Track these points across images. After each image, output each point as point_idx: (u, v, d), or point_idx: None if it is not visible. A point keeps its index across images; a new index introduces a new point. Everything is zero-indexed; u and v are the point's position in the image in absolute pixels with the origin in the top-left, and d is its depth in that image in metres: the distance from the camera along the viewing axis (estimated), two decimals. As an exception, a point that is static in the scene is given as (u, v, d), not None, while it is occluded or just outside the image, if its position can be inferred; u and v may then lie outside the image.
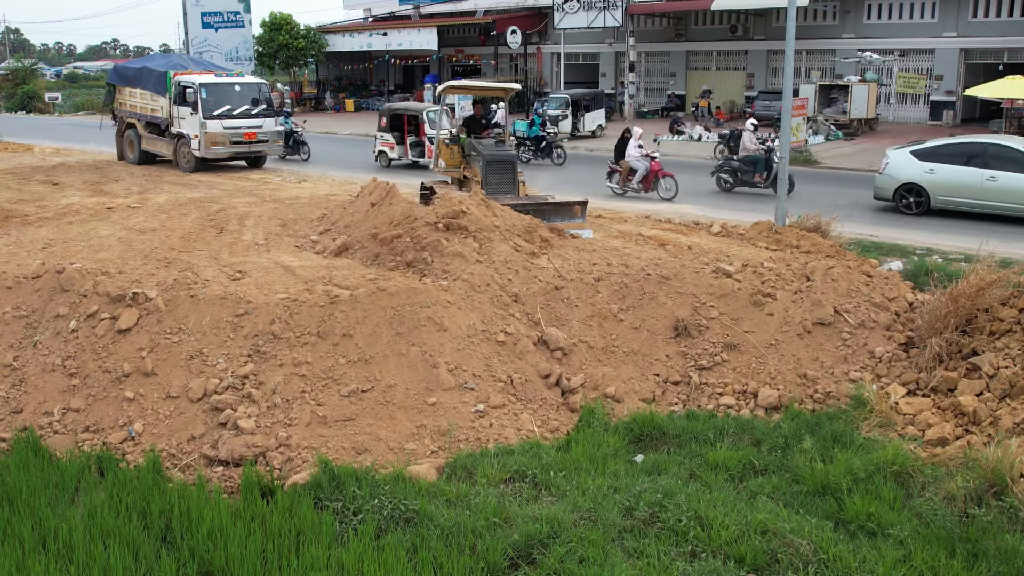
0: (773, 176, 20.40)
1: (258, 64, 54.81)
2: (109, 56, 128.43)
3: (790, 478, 7.81)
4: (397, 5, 57.39)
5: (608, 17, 43.21)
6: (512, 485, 7.69)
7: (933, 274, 11.84)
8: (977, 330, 9.64)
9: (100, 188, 20.40)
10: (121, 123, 27.01)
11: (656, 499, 7.16)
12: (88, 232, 14.22)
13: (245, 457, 8.18)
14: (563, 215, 13.49)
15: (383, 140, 27.23)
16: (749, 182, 21.53)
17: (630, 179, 21.08)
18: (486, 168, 14.02)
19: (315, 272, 11.24)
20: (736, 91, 44.16)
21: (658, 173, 20.87)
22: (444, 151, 15.58)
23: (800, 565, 6.38)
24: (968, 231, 16.23)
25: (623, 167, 21.26)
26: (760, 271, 11.26)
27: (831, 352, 10.12)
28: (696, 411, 9.33)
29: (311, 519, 6.97)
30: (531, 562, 6.52)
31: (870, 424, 8.80)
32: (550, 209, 13.51)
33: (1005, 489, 7.16)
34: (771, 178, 20.78)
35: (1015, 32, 34.85)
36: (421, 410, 8.84)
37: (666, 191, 20.79)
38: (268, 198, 18.28)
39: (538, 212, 13.14)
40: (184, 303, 9.87)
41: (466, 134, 15.59)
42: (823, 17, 40.80)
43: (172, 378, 9.10)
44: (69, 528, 6.87)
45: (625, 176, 21.21)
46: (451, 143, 15.57)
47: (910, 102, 39.31)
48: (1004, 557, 6.43)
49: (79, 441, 8.68)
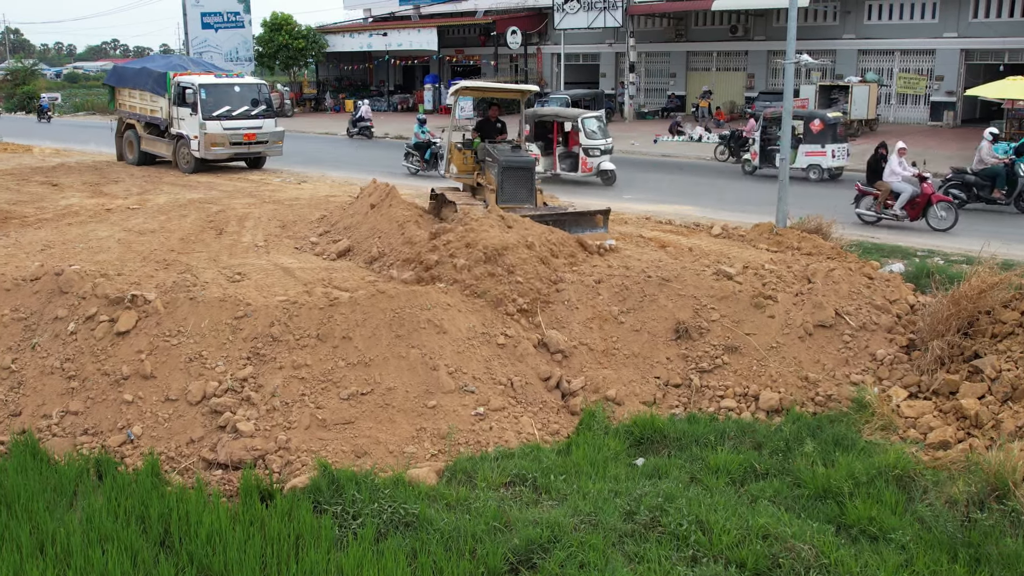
0: (1017, 192, 18.65)
1: (258, 65, 54.82)
2: (109, 56, 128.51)
3: (791, 482, 7.78)
4: (397, 5, 57.40)
5: (608, 17, 43.19)
6: (512, 489, 7.65)
7: (935, 276, 11.81)
8: (979, 332, 9.61)
9: (99, 189, 20.38)
10: (120, 124, 26.99)
11: (657, 503, 7.12)
12: (87, 234, 14.19)
13: (244, 460, 8.15)
14: (585, 225, 12.86)
15: None
16: (987, 198, 18.96)
17: (890, 204, 17.69)
18: (502, 175, 13.21)
19: (314, 274, 11.23)
20: (736, 92, 44.13)
21: (931, 198, 17.40)
22: (456, 156, 14.73)
23: (802, 570, 6.35)
24: (969, 233, 16.20)
25: (881, 189, 17.87)
26: (761, 273, 11.23)
27: (832, 354, 10.09)
28: (697, 414, 9.29)
29: (310, 523, 6.94)
30: (531, 567, 6.49)
31: (872, 427, 8.77)
32: (571, 219, 12.85)
33: (1007, 493, 7.12)
34: (1015, 194, 18.69)
35: (1015, 33, 34.82)
36: (421, 413, 8.81)
37: (941, 220, 17.23)
38: (268, 199, 18.25)
39: (558, 223, 12.48)
40: (183, 305, 9.85)
41: (480, 138, 14.74)
42: (824, 18, 40.77)
43: (171, 381, 9.07)
44: (67, 532, 6.84)
45: (884, 200, 17.82)
46: (464, 148, 14.70)
47: (911, 103, 39.28)
48: (1006, 562, 6.39)
49: (77, 444, 8.65)
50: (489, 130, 14.90)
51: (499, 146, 14.19)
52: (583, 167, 23.40)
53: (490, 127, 14.96)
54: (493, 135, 14.82)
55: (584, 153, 23.25)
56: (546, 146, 23.97)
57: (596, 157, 23.26)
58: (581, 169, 23.39)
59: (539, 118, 24.48)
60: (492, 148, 13.96)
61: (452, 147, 14.76)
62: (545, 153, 23.75)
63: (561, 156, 23.87)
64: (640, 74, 46.76)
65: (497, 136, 14.88)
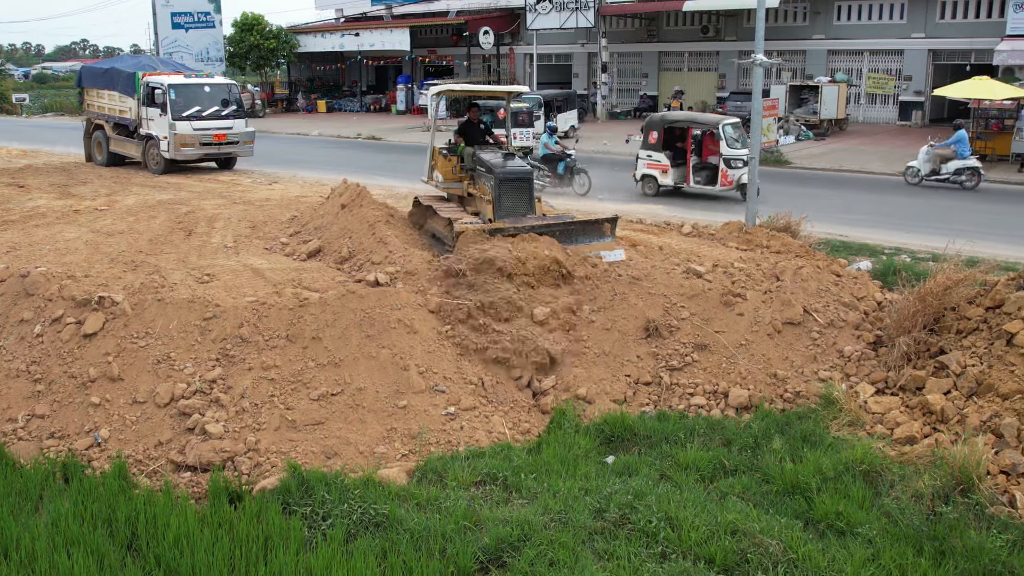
0: None
1: (229, 65, 54.43)
2: (78, 56, 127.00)
3: (760, 478, 7.84)
4: (369, 6, 57.22)
5: (580, 18, 43.29)
6: (483, 488, 7.66)
7: (901, 273, 11.93)
8: (945, 329, 9.72)
9: (67, 190, 20.15)
10: (89, 124, 26.71)
11: (627, 500, 7.15)
12: (54, 235, 14.04)
13: (213, 462, 8.09)
14: (591, 235, 11.93)
15: (651, 160, 21.50)
16: None
17: None
18: (499, 188, 12.10)
19: (284, 275, 11.17)
20: (708, 92, 44.35)
21: None
22: (441, 163, 13.58)
23: (770, 565, 6.40)
24: (939, 231, 16.39)
25: None
26: (730, 271, 11.31)
27: (801, 351, 10.17)
28: (667, 412, 9.33)
29: (279, 525, 6.90)
30: (501, 565, 6.49)
31: (839, 423, 8.85)
32: (577, 229, 11.88)
33: (972, 487, 7.23)
34: None
35: (981, 33, 35.25)
36: (391, 413, 8.79)
37: None
38: (238, 200, 18.13)
39: (564, 233, 11.68)
40: (151, 307, 9.77)
41: (465, 142, 13.54)
42: (793, 18, 41.08)
43: (139, 383, 8.99)
44: (32, 537, 6.77)
45: None
46: (449, 154, 13.51)
47: (879, 102, 39.68)
48: (971, 554, 6.48)
49: (44, 448, 8.55)
50: (473, 133, 13.81)
51: (490, 152, 13.12)
52: (723, 180, 20.65)
53: (474, 129, 13.88)
54: (479, 138, 13.76)
55: (725, 164, 20.53)
56: (675, 156, 21.39)
57: (737, 169, 20.46)
58: (720, 182, 20.70)
59: (669, 124, 21.91)
60: (483, 155, 12.89)
61: (435, 153, 13.76)
62: (675, 164, 21.28)
63: (695, 168, 21.22)
64: (612, 74, 46.89)
65: (483, 138, 13.83)
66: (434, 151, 13.79)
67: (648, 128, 21.82)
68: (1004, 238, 15.93)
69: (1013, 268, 11.46)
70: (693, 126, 21.40)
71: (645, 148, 21.68)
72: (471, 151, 13.23)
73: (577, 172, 21.65)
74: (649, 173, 21.57)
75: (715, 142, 20.81)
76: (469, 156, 13.22)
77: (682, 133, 21.61)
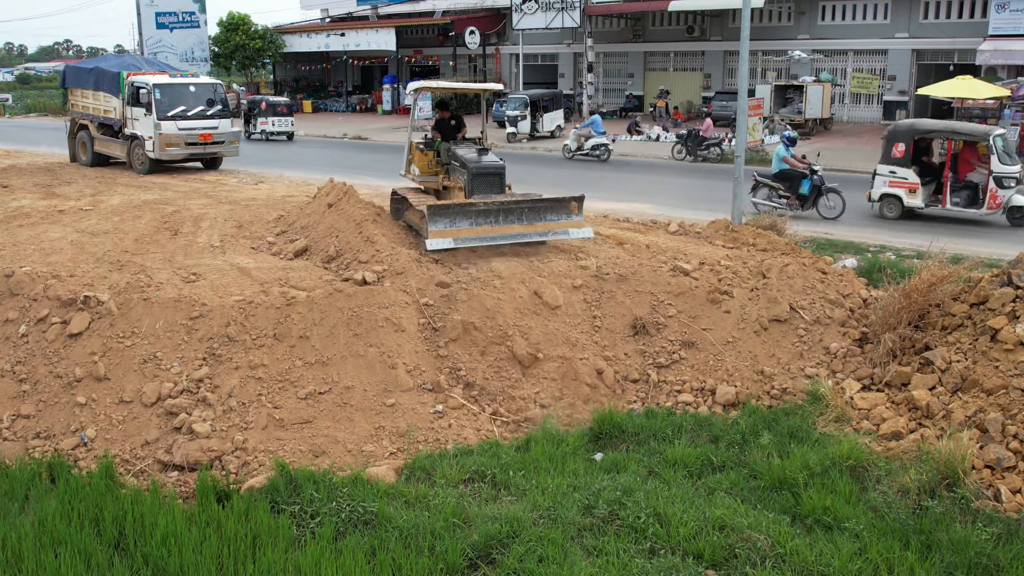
0: None
1: (214, 65, 54.28)
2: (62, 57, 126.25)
3: (748, 474, 7.87)
4: (355, 5, 57.16)
5: (566, 18, 43.36)
6: (471, 485, 7.66)
7: (886, 271, 12.00)
8: (929, 325, 9.79)
9: (52, 191, 20.02)
10: (73, 124, 26.56)
11: (615, 497, 7.17)
12: (39, 235, 13.95)
13: (200, 462, 8.07)
14: (559, 212, 12.07)
15: (896, 178, 18.28)
16: None
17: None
18: (472, 181, 12.53)
19: (271, 274, 11.14)
20: (693, 91, 44.51)
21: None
22: (419, 158, 13.99)
23: (758, 560, 6.42)
24: (921, 229, 16.48)
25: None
26: (717, 269, 11.35)
27: (787, 349, 10.21)
28: (655, 409, 9.35)
29: (268, 523, 6.88)
30: (490, 562, 6.49)
31: (826, 419, 8.89)
32: (546, 206, 12.04)
33: (957, 481, 7.28)
34: None
35: (964, 33, 35.51)
36: (379, 411, 8.78)
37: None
38: (224, 200, 18.07)
39: (533, 210, 11.88)
40: (137, 306, 9.73)
41: (441, 138, 13.99)
42: (778, 18, 41.26)
43: (125, 383, 8.95)
44: (18, 537, 6.72)
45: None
46: (426, 149, 13.95)
47: (864, 102, 39.91)
48: (956, 548, 6.52)
49: (29, 448, 8.50)
50: (447, 129, 14.29)
51: (464, 147, 13.50)
52: (991, 202, 17.44)
53: (447, 126, 14.35)
54: (453, 134, 14.24)
55: (996, 183, 17.32)
56: (922, 171, 18.45)
57: (1008, 189, 17.51)
58: (987, 205, 17.52)
59: (921, 133, 18.59)
60: (457, 150, 13.30)
61: (413, 148, 14.17)
62: (924, 181, 18.33)
63: (954, 187, 18.11)
64: (598, 74, 46.98)
65: (457, 134, 14.26)
66: (411, 146, 14.15)
67: (892, 139, 18.44)
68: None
69: (997, 265, 11.56)
70: (954, 137, 18.04)
71: (887, 163, 18.35)
72: (447, 146, 13.62)
73: (826, 192, 18.53)
74: (892, 193, 18.33)
75: (976, 156, 18.03)
76: (445, 151, 13.61)
77: (928, 146, 18.88)
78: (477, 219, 11.53)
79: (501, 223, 11.67)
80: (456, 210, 11.48)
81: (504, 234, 11.63)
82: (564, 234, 11.93)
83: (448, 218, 11.38)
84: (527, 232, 11.82)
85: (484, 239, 11.49)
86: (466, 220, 11.47)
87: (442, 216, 11.36)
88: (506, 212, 11.69)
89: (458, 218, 11.42)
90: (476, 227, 11.53)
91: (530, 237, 11.84)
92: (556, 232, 11.90)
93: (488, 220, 11.60)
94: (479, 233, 11.52)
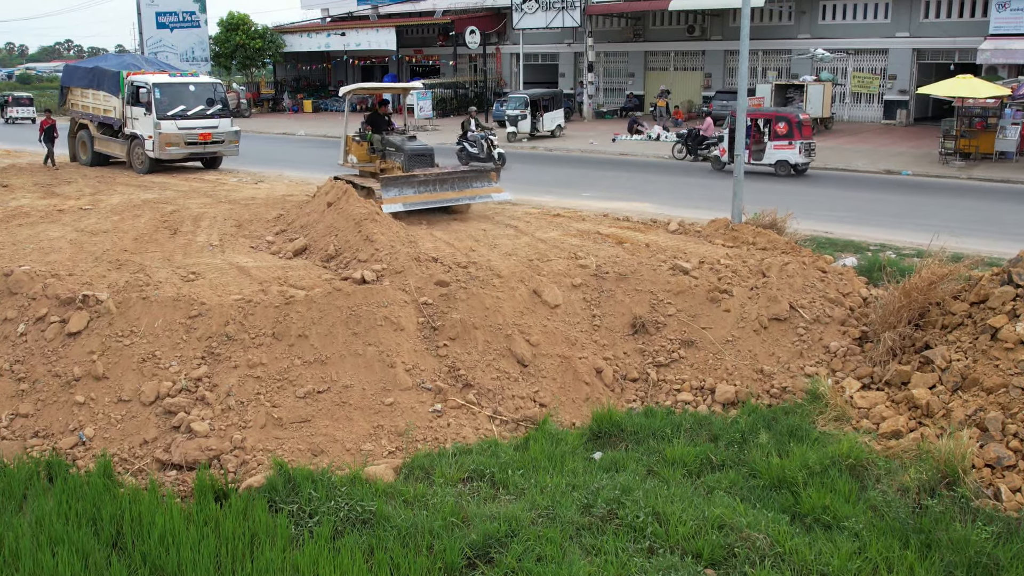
0: None
1: (214, 65, 54.25)
2: (63, 57, 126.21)
3: (747, 473, 7.85)
4: (355, 5, 57.11)
5: (567, 17, 43.30)
6: (470, 484, 7.65)
7: (886, 269, 11.97)
8: (929, 324, 9.77)
9: (51, 190, 19.99)
10: (73, 124, 26.54)
11: (614, 496, 7.15)
12: (38, 234, 13.93)
13: (199, 461, 8.05)
14: (482, 180, 15.31)
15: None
16: None
17: None
18: (408, 161, 15.56)
19: (270, 273, 11.12)
20: (694, 91, 44.45)
21: None
22: (356, 148, 17.02)
23: (757, 559, 6.41)
24: (921, 227, 16.45)
25: None
26: (717, 268, 11.33)
27: (787, 347, 10.19)
28: (654, 408, 9.34)
29: (266, 522, 6.87)
30: (489, 561, 6.48)
31: (825, 418, 8.88)
32: (471, 175, 15.41)
33: (957, 480, 7.26)
34: None
35: (965, 33, 35.44)
36: (378, 410, 8.77)
37: None
38: (223, 199, 18.04)
39: (462, 179, 15.11)
40: (136, 305, 9.71)
41: (372, 131, 16.95)
42: (779, 18, 41.20)
43: (124, 381, 8.94)
44: (16, 536, 6.72)
45: None
46: (361, 140, 16.94)
47: (864, 101, 39.85)
48: (956, 547, 6.50)
49: (28, 447, 8.49)
50: (379, 123, 17.29)
51: (394, 137, 16.57)
52: None
53: (380, 120, 17.39)
54: (384, 127, 17.26)
55: None
56: None
57: None
58: None
59: None
60: (391, 138, 16.39)
61: (350, 140, 17.24)
62: None
63: None
64: (599, 74, 46.93)
65: (386, 128, 17.30)
66: (347, 139, 17.32)
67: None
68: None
69: (997, 263, 11.53)
70: None
71: None
72: (379, 137, 16.77)
73: None
74: None
75: None
76: (378, 141, 16.74)
77: None
78: (419, 187, 14.68)
79: (438, 191, 14.83)
80: (403, 181, 14.68)
81: (441, 199, 14.83)
82: (488, 198, 15.33)
83: (397, 187, 14.53)
84: (459, 197, 15.04)
85: (426, 203, 14.63)
86: (411, 188, 14.62)
87: (393, 186, 14.53)
88: (441, 182, 14.91)
89: (405, 187, 14.60)
90: (419, 194, 14.65)
91: (461, 201, 15.12)
92: (481, 196, 15.25)
93: (428, 188, 14.74)
94: (422, 199, 14.63)
